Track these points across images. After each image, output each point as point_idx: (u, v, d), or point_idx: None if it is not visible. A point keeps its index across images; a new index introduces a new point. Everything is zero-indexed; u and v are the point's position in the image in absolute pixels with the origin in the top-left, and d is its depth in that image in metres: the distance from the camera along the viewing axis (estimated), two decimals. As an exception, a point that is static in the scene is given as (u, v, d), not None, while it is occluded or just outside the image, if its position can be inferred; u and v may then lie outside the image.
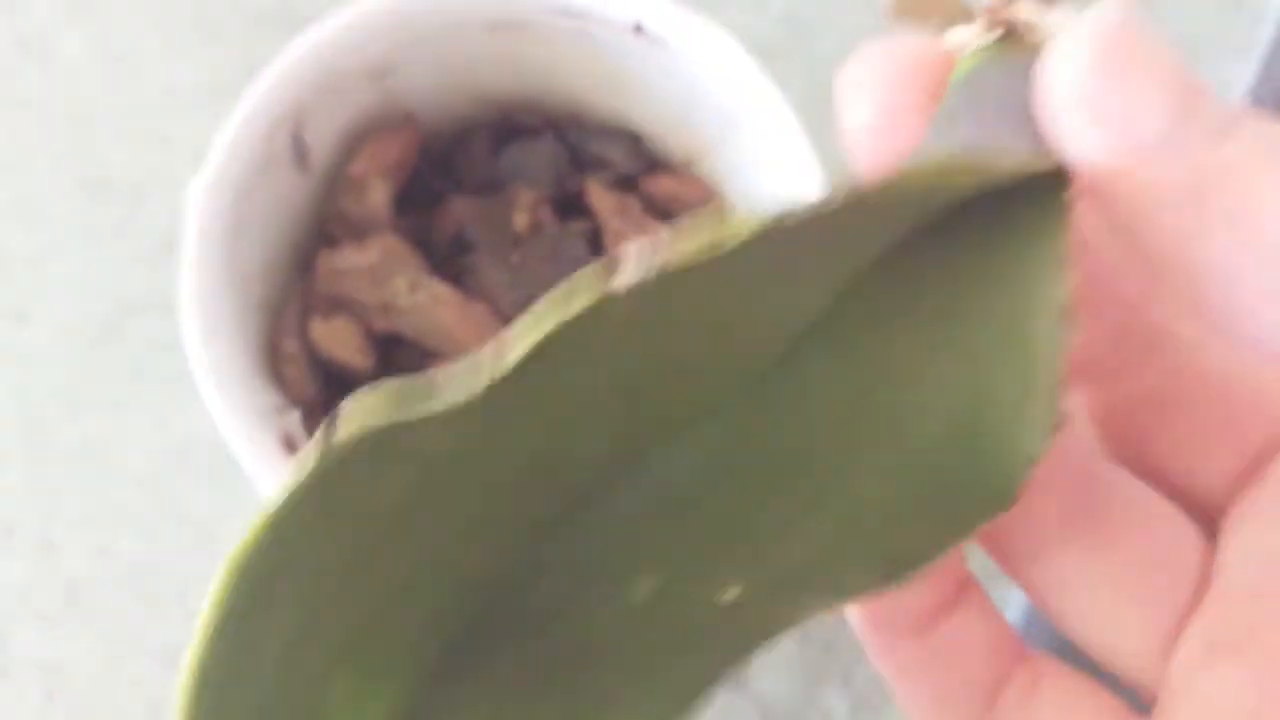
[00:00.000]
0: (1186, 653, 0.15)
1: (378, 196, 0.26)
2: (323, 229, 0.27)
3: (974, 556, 0.17)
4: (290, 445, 0.23)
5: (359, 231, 0.26)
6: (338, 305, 0.25)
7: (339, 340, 0.25)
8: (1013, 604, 0.32)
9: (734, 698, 0.32)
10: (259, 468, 0.23)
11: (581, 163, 0.27)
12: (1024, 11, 0.14)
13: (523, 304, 0.25)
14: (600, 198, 0.27)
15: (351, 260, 0.25)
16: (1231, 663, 0.15)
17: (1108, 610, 0.16)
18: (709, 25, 0.25)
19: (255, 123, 0.24)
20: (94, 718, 0.32)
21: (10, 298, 0.35)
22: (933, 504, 0.15)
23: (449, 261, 0.26)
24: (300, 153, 0.26)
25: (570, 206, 0.27)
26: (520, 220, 0.26)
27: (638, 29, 0.26)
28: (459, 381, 0.12)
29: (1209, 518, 0.16)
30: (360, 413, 0.12)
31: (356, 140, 0.27)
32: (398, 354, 0.26)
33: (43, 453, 0.34)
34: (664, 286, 0.12)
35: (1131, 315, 0.16)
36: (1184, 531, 0.16)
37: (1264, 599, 0.15)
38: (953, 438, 0.14)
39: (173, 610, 0.33)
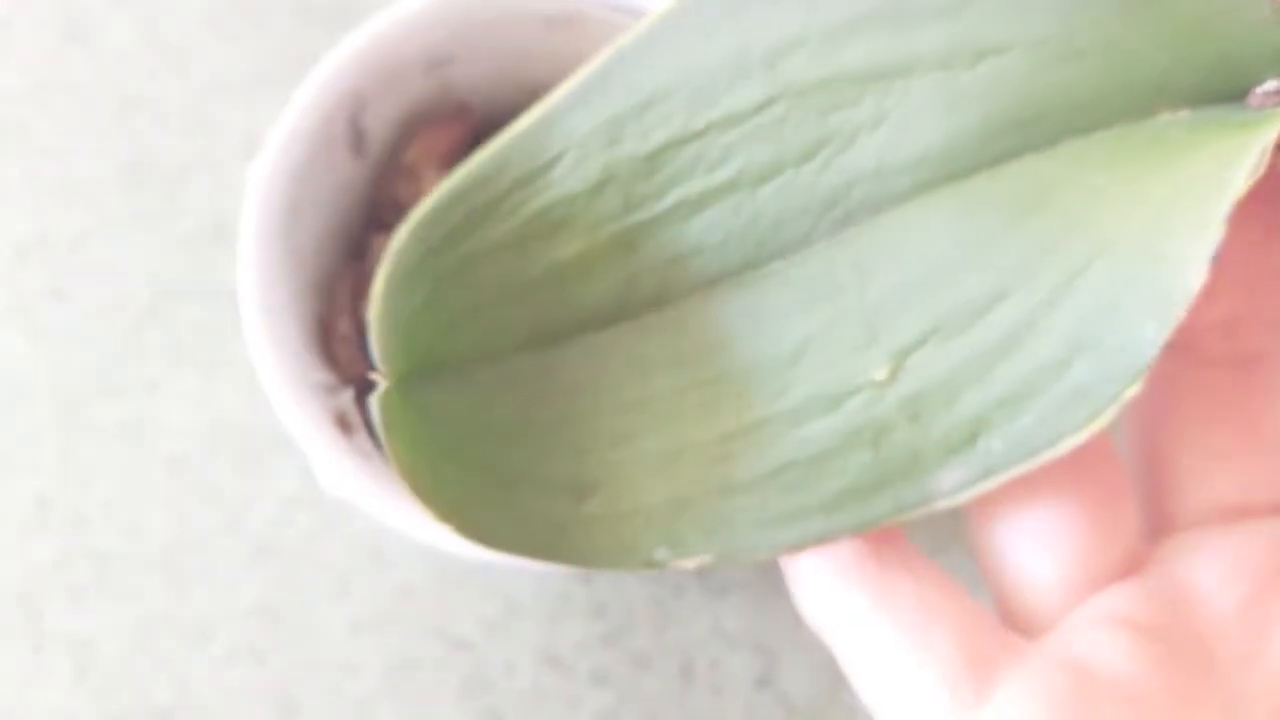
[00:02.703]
0: (1098, 610, 0.17)
1: (431, 184, 0.27)
2: (375, 214, 0.28)
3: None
4: (343, 423, 0.24)
5: (411, 217, 0.27)
6: (390, 288, 0.26)
7: (390, 322, 0.26)
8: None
9: (760, 697, 0.33)
10: (312, 443, 0.24)
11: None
12: None
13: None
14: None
15: (404, 245, 0.26)
16: (1127, 634, 0.17)
17: (1042, 537, 0.17)
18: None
19: (316, 106, 0.26)
20: (122, 692, 0.33)
21: (50, 278, 0.36)
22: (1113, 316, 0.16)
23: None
24: (357, 138, 0.27)
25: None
26: (569, 211, 0.27)
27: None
28: None
29: (1162, 514, 0.18)
30: None
31: (411, 128, 0.28)
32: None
33: (78, 431, 0.35)
34: None
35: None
36: (1131, 513, 0.18)
37: (1197, 618, 0.17)
38: (1125, 267, 0.16)
39: (200, 588, 0.34)
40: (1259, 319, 0.17)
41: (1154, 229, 0.16)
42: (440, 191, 0.17)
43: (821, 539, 0.17)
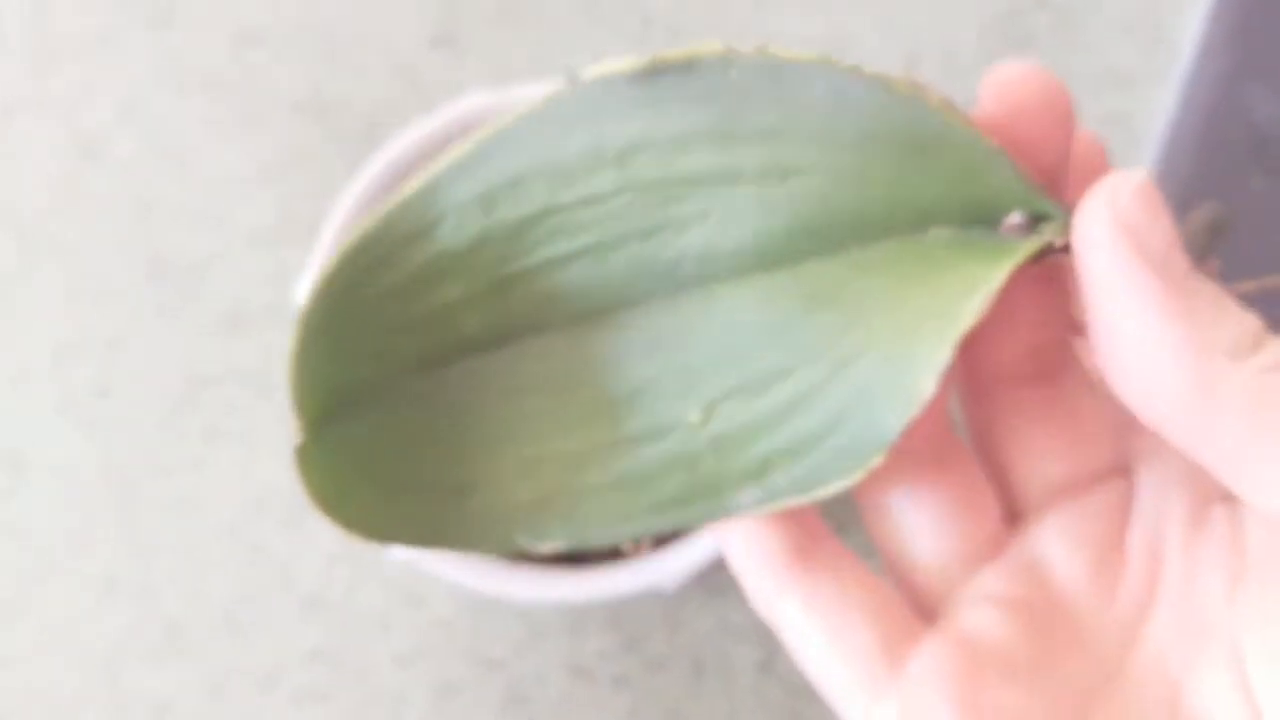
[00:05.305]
0: (975, 592, 0.21)
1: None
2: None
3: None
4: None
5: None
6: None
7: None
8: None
9: (764, 680, 0.38)
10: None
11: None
12: None
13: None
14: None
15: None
16: (1001, 610, 0.21)
17: (921, 531, 0.21)
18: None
19: (343, 228, 0.31)
20: (204, 741, 0.38)
21: (92, 375, 0.41)
22: (853, 417, 0.20)
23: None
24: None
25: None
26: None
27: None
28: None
29: (1012, 504, 0.22)
30: None
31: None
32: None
33: (135, 512, 0.40)
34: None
35: (1056, 341, 0.22)
36: (991, 506, 0.22)
37: (1049, 580, 0.21)
38: (881, 365, 0.20)
39: (262, 641, 0.39)
40: (1053, 343, 0.22)
41: (907, 335, 0.20)
42: (339, 252, 0.21)
43: (649, 532, 0.21)
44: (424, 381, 0.21)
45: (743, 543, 0.21)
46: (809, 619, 0.21)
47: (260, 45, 0.43)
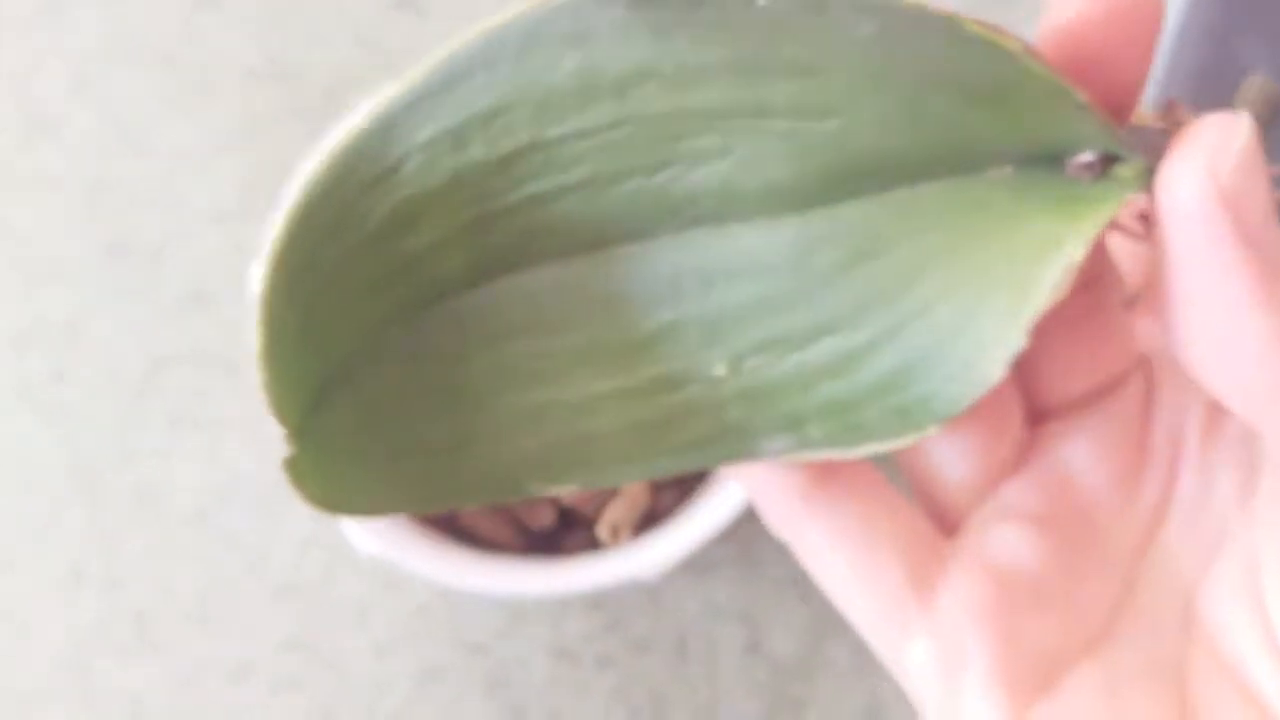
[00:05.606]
0: (999, 507, 0.21)
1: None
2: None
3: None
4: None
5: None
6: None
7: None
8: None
9: (750, 660, 0.38)
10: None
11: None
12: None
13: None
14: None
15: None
16: (1027, 527, 0.20)
17: (947, 449, 0.21)
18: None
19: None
20: (177, 735, 0.38)
21: (50, 359, 0.40)
22: (903, 386, 0.19)
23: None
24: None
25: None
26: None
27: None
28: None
29: (1037, 414, 0.21)
30: None
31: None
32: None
33: (98, 501, 0.39)
34: None
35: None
36: (1017, 416, 0.21)
37: (1073, 491, 0.21)
38: (942, 338, 0.18)
39: (234, 630, 0.38)
40: (1095, 251, 0.20)
41: (973, 306, 0.18)
42: (287, 218, 0.18)
43: (666, 473, 0.20)
44: (405, 334, 0.19)
45: (759, 467, 0.20)
46: (831, 549, 0.20)
47: (213, 11, 0.42)
